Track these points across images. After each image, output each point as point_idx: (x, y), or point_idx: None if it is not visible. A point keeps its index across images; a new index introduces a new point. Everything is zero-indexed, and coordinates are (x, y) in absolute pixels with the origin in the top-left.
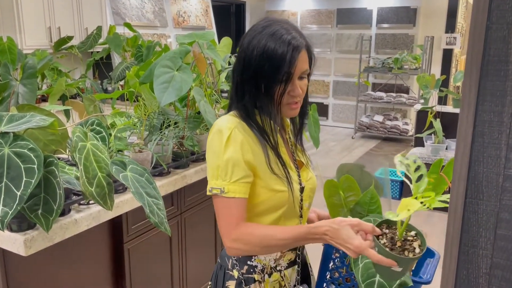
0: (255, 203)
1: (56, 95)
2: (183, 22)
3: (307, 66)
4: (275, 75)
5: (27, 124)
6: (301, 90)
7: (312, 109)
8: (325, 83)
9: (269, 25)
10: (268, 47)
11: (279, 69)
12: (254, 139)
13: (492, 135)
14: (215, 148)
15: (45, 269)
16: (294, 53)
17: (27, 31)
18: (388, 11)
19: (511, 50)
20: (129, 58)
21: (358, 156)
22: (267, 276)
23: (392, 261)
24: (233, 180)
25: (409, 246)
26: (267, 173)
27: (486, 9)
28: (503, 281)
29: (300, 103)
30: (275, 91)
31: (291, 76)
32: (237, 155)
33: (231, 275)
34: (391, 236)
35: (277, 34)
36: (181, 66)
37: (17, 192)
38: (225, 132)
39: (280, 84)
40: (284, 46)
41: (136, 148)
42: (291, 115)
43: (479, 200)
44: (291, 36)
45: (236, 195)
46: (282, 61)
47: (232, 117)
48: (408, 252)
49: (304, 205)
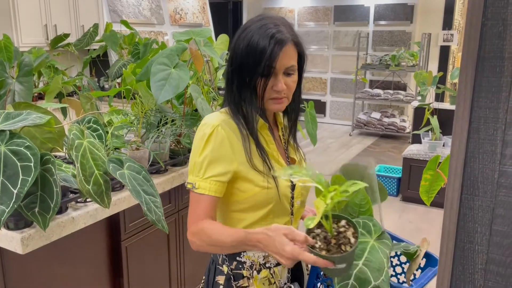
0: (242, 199)
1: (53, 93)
2: (180, 19)
3: (293, 62)
4: (256, 68)
5: (24, 122)
6: (285, 86)
7: (309, 106)
8: (322, 80)
9: (260, 20)
10: (252, 40)
11: (260, 62)
12: (239, 136)
13: (487, 131)
14: (196, 144)
15: (43, 267)
16: (276, 47)
17: (23, 29)
18: (385, 8)
19: (506, 47)
20: (126, 55)
21: (356, 153)
22: (256, 272)
23: (328, 262)
24: (205, 177)
25: (344, 238)
26: (251, 169)
27: (481, 5)
28: (499, 277)
29: (288, 99)
30: (257, 85)
31: (272, 70)
32: (215, 153)
33: (221, 270)
34: (324, 236)
35: (263, 28)
36: (178, 63)
37: (13, 190)
38: (207, 129)
39: (262, 77)
40: (266, 39)
41: (133, 145)
42: (275, 109)
43: (475, 196)
44: (277, 30)
45: (206, 192)
46: (262, 54)
47: (221, 113)
48: (345, 245)
49: (296, 203)
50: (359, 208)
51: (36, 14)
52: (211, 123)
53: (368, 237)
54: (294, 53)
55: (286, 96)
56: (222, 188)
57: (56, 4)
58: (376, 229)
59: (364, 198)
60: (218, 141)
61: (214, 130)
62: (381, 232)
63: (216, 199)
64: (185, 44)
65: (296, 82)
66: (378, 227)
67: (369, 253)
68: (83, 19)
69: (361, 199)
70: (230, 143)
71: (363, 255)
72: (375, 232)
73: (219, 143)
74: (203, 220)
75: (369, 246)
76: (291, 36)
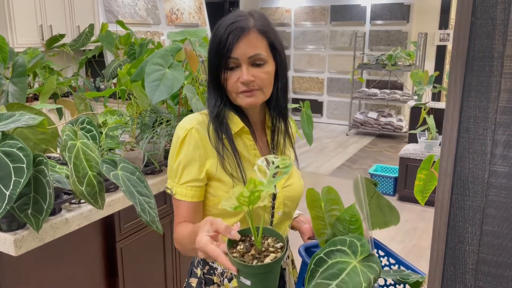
0: (213, 204)
1: (47, 94)
2: (176, 19)
3: (259, 51)
4: (219, 61)
5: (16, 123)
6: (252, 77)
7: (305, 106)
8: (319, 80)
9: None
10: (215, 33)
11: (220, 53)
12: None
13: (477, 131)
14: (171, 148)
15: (37, 269)
16: (231, 36)
17: (18, 29)
18: (382, 8)
19: (496, 46)
20: (121, 56)
21: (353, 153)
22: (227, 280)
23: (230, 265)
24: (181, 182)
25: (263, 257)
26: (223, 174)
27: (470, 4)
28: (490, 277)
29: (262, 92)
30: (221, 78)
31: (231, 60)
32: (188, 158)
33: (195, 273)
34: (250, 244)
35: (226, 20)
36: (172, 63)
37: (6, 191)
38: (181, 133)
39: (226, 70)
40: (223, 28)
41: (128, 146)
42: (248, 103)
43: (465, 196)
44: (238, 19)
45: (183, 198)
46: (220, 45)
47: (198, 115)
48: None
49: (277, 214)
50: (349, 225)
51: (31, 14)
52: (185, 126)
53: (352, 257)
54: (259, 42)
55: (258, 88)
56: (200, 192)
57: (51, 5)
58: (363, 250)
59: (354, 215)
60: (191, 145)
61: (188, 133)
62: (368, 254)
63: (194, 204)
64: (180, 44)
65: (270, 73)
66: (367, 248)
67: (347, 275)
68: (78, 20)
69: (351, 216)
70: (204, 145)
71: (340, 275)
72: (362, 253)
73: (193, 146)
74: (182, 224)
75: (350, 267)
76: (256, 24)
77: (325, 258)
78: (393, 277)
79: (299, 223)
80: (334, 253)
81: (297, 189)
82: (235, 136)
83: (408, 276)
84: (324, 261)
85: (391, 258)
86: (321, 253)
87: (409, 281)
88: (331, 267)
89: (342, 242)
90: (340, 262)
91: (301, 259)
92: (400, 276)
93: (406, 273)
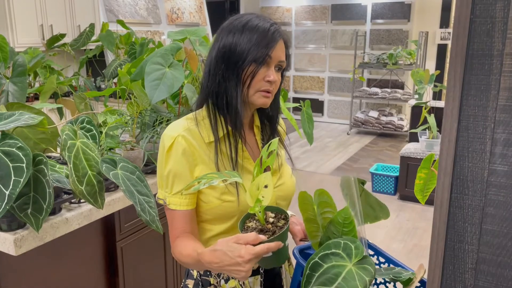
0: (204, 210)
1: (47, 93)
2: (176, 19)
3: (283, 57)
4: (250, 50)
5: (16, 122)
6: (277, 78)
7: (306, 105)
8: (320, 79)
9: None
10: (251, 22)
11: (257, 44)
12: (202, 145)
13: (476, 130)
14: (159, 157)
15: (37, 269)
16: (276, 34)
17: (19, 29)
18: (383, 7)
19: (495, 44)
20: (122, 55)
21: (354, 152)
22: (224, 281)
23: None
24: (174, 192)
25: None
26: None
27: (469, 2)
28: (489, 276)
29: (272, 95)
30: (246, 73)
31: (267, 56)
32: (177, 166)
33: (191, 274)
34: (260, 229)
35: (261, 17)
36: (172, 63)
37: (5, 191)
38: (167, 142)
39: (255, 64)
40: (267, 24)
41: (128, 146)
42: (262, 103)
43: (465, 195)
44: (271, 22)
45: (178, 207)
46: (264, 38)
47: (183, 121)
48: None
49: None
50: (342, 228)
51: (32, 14)
52: (170, 135)
53: (347, 260)
54: (284, 49)
55: (273, 91)
56: (194, 199)
57: (52, 4)
58: (357, 253)
59: (347, 218)
60: (179, 153)
61: (174, 141)
62: (363, 256)
63: (190, 212)
64: (180, 44)
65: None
66: (361, 250)
67: (343, 279)
68: (79, 19)
69: (344, 218)
70: (192, 152)
71: (336, 280)
72: (356, 255)
73: (181, 154)
74: (179, 236)
75: (346, 271)
76: (282, 34)
77: (320, 262)
78: (385, 276)
79: (291, 224)
80: (329, 257)
81: (289, 188)
82: (220, 139)
83: (400, 273)
84: (320, 265)
85: (381, 256)
86: (316, 257)
87: (401, 279)
88: (327, 271)
89: (336, 245)
90: (336, 266)
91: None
92: (392, 274)
93: (397, 271)
